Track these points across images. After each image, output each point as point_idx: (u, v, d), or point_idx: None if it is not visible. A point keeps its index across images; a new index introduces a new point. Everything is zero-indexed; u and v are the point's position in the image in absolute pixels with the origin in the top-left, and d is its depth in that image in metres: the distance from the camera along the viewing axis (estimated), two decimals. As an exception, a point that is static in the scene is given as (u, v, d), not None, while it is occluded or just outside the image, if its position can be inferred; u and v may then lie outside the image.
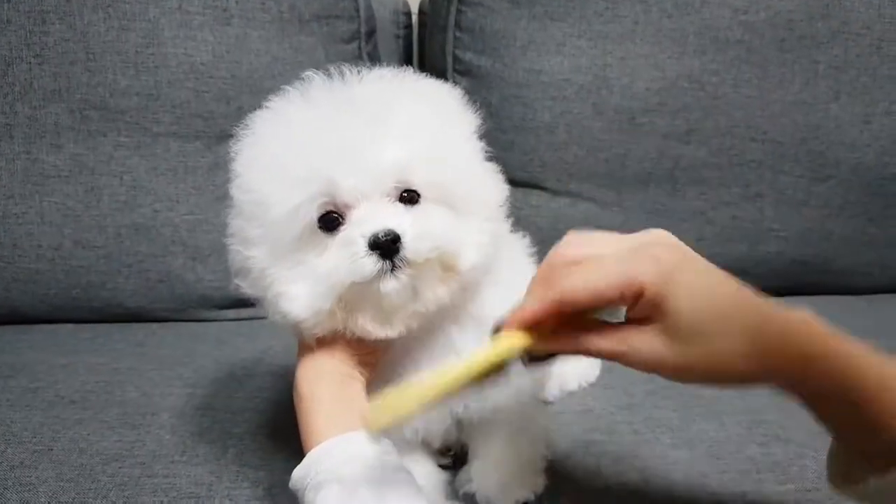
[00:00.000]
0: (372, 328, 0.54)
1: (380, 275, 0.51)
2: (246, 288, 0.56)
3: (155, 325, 1.04)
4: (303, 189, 0.51)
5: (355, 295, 0.53)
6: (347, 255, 0.51)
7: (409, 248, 0.51)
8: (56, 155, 0.98)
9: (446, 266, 0.54)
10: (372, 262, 0.51)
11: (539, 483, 0.64)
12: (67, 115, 0.98)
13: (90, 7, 0.96)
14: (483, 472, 0.64)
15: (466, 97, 0.61)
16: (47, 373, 0.87)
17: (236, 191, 0.55)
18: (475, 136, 0.59)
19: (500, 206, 0.58)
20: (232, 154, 0.56)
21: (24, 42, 0.96)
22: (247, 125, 0.57)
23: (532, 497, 0.63)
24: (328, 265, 0.52)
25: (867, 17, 1.07)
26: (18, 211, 0.98)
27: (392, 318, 0.54)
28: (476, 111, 0.61)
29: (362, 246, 0.51)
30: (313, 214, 0.52)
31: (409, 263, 0.52)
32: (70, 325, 1.03)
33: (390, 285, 0.52)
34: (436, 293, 0.54)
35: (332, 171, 0.51)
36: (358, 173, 0.51)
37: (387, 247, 0.51)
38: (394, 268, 0.52)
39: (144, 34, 0.98)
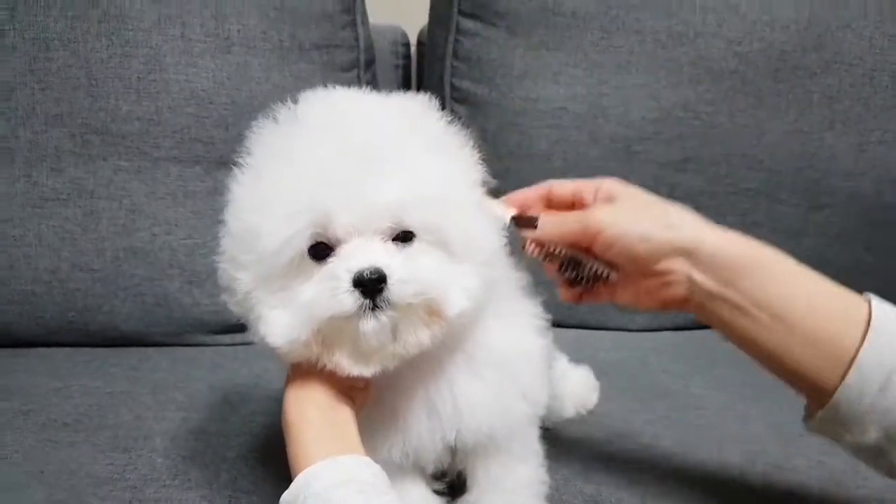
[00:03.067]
0: (347, 365, 0.53)
1: (359, 313, 0.50)
2: (231, 306, 0.56)
3: (150, 350, 1.03)
4: (295, 221, 0.50)
5: (333, 329, 0.52)
6: (329, 288, 0.50)
7: (393, 289, 0.50)
8: (56, 178, 0.99)
9: (431, 311, 0.52)
10: (353, 299, 0.50)
11: None
12: (68, 140, 0.98)
13: (94, 34, 0.98)
14: (483, 500, 0.63)
15: (463, 125, 0.61)
16: (41, 396, 0.86)
17: (230, 217, 0.54)
18: (475, 177, 0.58)
19: (498, 251, 0.57)
20: (229, 179, 0.56)
21: (28, 68, 0.97)
22: (245, 151, 0.56)
23: None
24: (309, 296, 0.51)
25: (859, 48, 1.08)
26: (17, 234, 0.98)
27: (369, 358, 0.53)
28: (473, 139, 0.60)
29: (346, 281, 0.50)
30: (303, 244, 0.51)
31: (391, 305, 0.50)
32: (65, 349, 1.02)
33: (369, 325, 0.50)
34: (417, 337, 0.53)
35: (328, 205, 0.50)
36: (353, 210, 0.51)
37: (370, 285, 0.50)
38: (375, 307, 0.50)
39: (146, 61, 0.99)
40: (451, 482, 0.67)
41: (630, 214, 0.57)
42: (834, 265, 1.13)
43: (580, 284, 0.62)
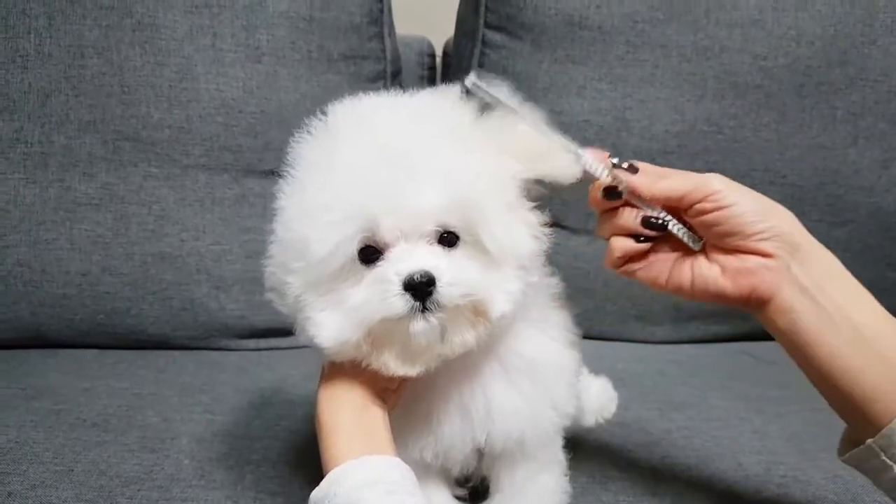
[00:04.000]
0: (394, 365, 0.54)
1: (410, 315, 0.52)
2: (279, 306, 0.57)
3: (176, 353, 1.05)
4: (342, 228, 0.52)
5: (383, 331, 0.53)
6: (380, 291, 0.52)
7: (442, 291, 0.51)
8: (88, 184, 1.01)
9: (477, 312, 0.54)
10: (403, 302, 0.51)
11: None
12: (101, 146, 1.01)
13: (127, 43, 1.00)
14: None
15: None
16: (70, 396, 0.88)
17: (279, 226, 0.56)
18: (514, 178, 0.57)
19: (534, 256, 0.57)
20: (275, 190, 0.57)
21: (63, 75, 1.00)
22: (287, 163, 0.57)
23: None
24: (360, 299, 0.53)
25: (885, 64, 1.08)
26: (49, 237, 1.01)
27: (416, 358, 0.54)
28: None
29: (396, 284, 0.51)
30: (353, 249, 0.53)
31: (440, 307, 0.52)
32: (94, 351, 1.04)
33: (419, 326, 0.52)
34: (463, 338, 0.54)
35: (373, 211, 0.52)
36: (399, 214, 0.52)
37: (420, 288, 0.51)
38: (424, 309, 0.52)
39: (178, 69, 1.01)
40: (474, 488, 0.68)
41: (746, 191, 0.55)
42: (857, 281, 1.14)
43: (645, 242, 0.57)
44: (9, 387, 0.90)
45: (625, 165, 0.56)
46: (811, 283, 0.53)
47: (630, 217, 0.56)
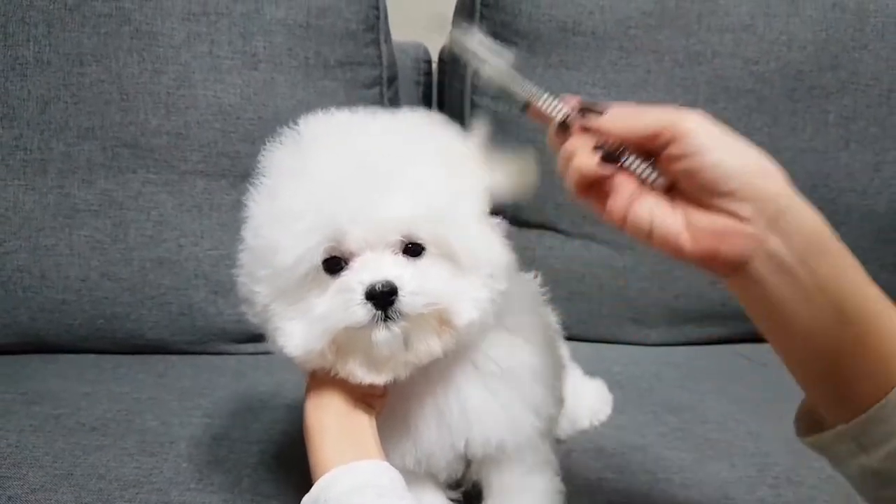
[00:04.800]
0: (360, 373, 0.55)
1: (372, 324, 0.52)
2: (250, 317, 0.58)
3: (175, 357, 1.06)
4: (309, 236, 0.53)
5: (347, 340, 0.54)
6: (343, 300, 0.52)
7: (404, 301, 0.52)
8: (87, 190, 1.02)
9: (442, 321, 0.54)
10: (365, 311, 0.52)
11: None
12: (100, 153, 1.02)
13: (125, 50, 1.01)
14: None
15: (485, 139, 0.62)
16: (70, 400, 0.89)
17: (247, 233, 0.57)
18: (485, 191, 0.58)
19: (502, 265, 0.58)
20: (246, 197, 0.58)
21: (62, 82, 1.01)
22: (258, 171, 0.58)
23: None
24: (324, 308, 0.54)
25: (875, 68, 1.09)
26: (49, 243, 1.02)
27: (381, 366, 0.55)
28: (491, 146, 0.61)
29: (359, 293, 0.52)
30: (318, 258, 0.53)
31: (403, 316, 0.52)
32: (93, 356, 1.05)
33: (382, 335, 0.53)
34: (429, 346, 0.55)
35: (340, 221, 0.52)
36: (364, 224, 0.53)
37: (382, 297, 0.52)
38: (387, 318, 0.52)
39: (176, 76, 1.02)
40: (467, 492, 0.69)
41: (726, 139, 0.46)
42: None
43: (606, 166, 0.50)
44: (8, 391, 0.90)
45: (597, 108, 0.50)
46: (791, 255, 0.45)
47: (586, 154, 0.49)
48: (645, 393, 0.96)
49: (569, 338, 0.81)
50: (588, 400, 0.86)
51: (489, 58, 0.54)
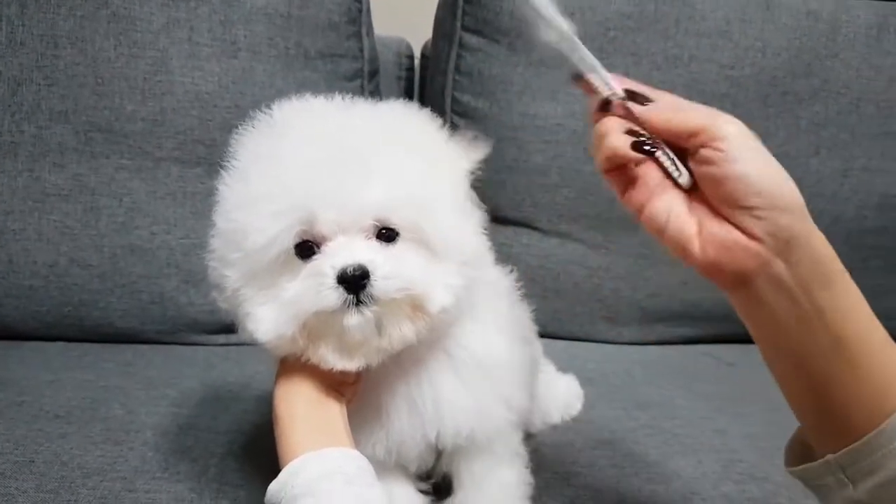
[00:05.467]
0: (332, 359, 0.54)
1: (343, 308, 0.52)
2: (220, 302, 0.58)
3: (144, 347, 1.04)
4: (281, 219, 0.52)
5: (319, 324, 0.53)
6: (314, 284, 0.52)
7: (376, 285, 0.52)
8: (58, 174, 1.00)
9: (415, 306, 0.54)
10: (337, 295, 0.52)
11: None
12: (72, 136, 1.00)
13: (102, 34, 1.00)
14: (468, 501, 0.65)
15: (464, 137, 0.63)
16: (33, 388, 0.87)
17: (218, 217, 0.56)
18: (461, 180, 0.59)
19: (477, 252, 0.58)
20: (217, 180, 0.57)
21: (36, 64, 0.99)
22: (229, 154, 0.57)
23: None
24: (295, 292, 0.53)
25: (847, 76, 1.12)
26: (17, 227, 1.00)
27: (353, 352, 0.54)
28: (473, 148, 0.62)
29: (330, 277, 0.52)
30: (290, 242, 0.53)
31: (375, 300, 0.52)
32: (59, 343, 1.03)
33: (353, 320, 0.52)
34: (401, 332, 0.54)
35: (313, 204, 0.52)
36: (337, 208, 0.52)
37: (354, 282, 0.51)
38: (359, 303, 0.52)
39: (153, 62, 1.01)
40: (437, 484, 0.69)
41: (759, 153, 0.46)
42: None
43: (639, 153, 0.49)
44: (-31, 377, 0.89)
45: (643, 95, 0.50)
46: (795, 282, 0.45)
47: (620, 136, 0.48)
48: (615, 389, 0.97)
49: (542, 335, 0.81)
50: (560, 395, 0.86)
51: (554, 21, 0.51)
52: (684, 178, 0.48)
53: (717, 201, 0.46)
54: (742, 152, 0.45)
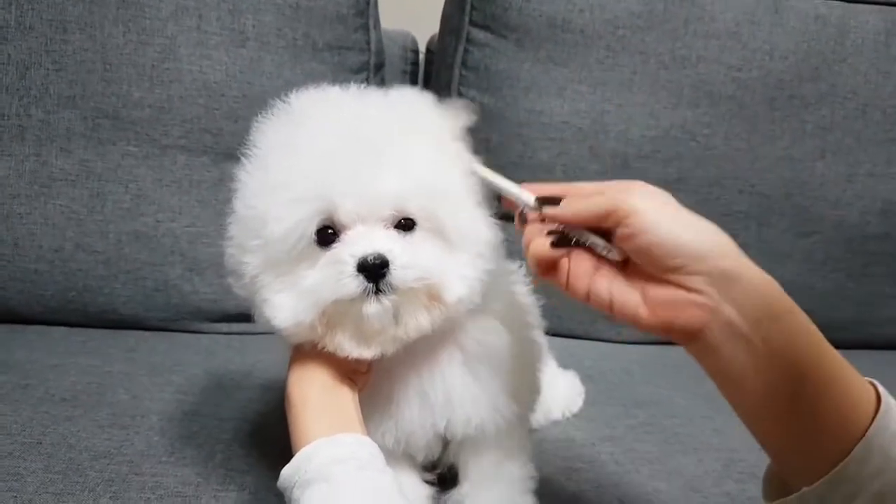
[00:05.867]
0: (349, 347, 0.55)
1: (363, 296, 0.52)
2: (237, 289, 0.58)
3: (147, 333, 1.05)
4: (301, 207, 0.53)
5: (337, 312, 0.54)
6: (334, 272, 0.53)
7: (396, 274, 0.52)
8: (65, 159, 1.00)
9: (432, 296, 0.55)
10: (357, 283, 0.52)
11: None
12: (80, 122, 1.00)
13: (111, 20, 1.00)
14: (474, 494, 0.65)
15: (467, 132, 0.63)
16: (38, 371, 0.87)
17: (238, 202, 0.56)
18: (468, 167, 0.59)
19: (492, 244, 0.58)
20: (237, 168, 0.57)
21: (44, 48, 0.99)
22: (250, 143, 0.57)
23: None
24: (315, 280, 0.53)
25: (854, 82, 1.12)
26: (23, 211, 1.00)
27: (370, 340, 0.55)
28: (476, 147, 0.62)
29: (350, 265, 0.52)
30: (309, 230, 0.54)
31: (393, 289, 0.53)
32: (63, 328, 1.03)
33: (372, 308, 0.53)
34: (418, 321, 0.55)
35: (333, 193, 0.53)
36: (357, 198, 0.53)
37: (374, 270, 0.52)
38: (378, 291, 0.52)
39: (161, 49, 1.01)
40: (442, 475, 0.69)
41: (670, 215, 0.48)
42: (817, 290, 1.19)
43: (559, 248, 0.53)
44: (-28, 360, 0.89)
45: (550, 196, 0.53)
46: (744, 322, 0.46)
47: (541, 239, 0.52)
48: (614, 387, 0.98)
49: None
50: (561, 391, 0.87)
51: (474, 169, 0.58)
52: (614, 254, 0.50)
53: (649, 268, 0.48)
54: (655, 217, 0.47)
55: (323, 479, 0.50)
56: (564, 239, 0.51)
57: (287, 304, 0.54)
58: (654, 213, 0.47)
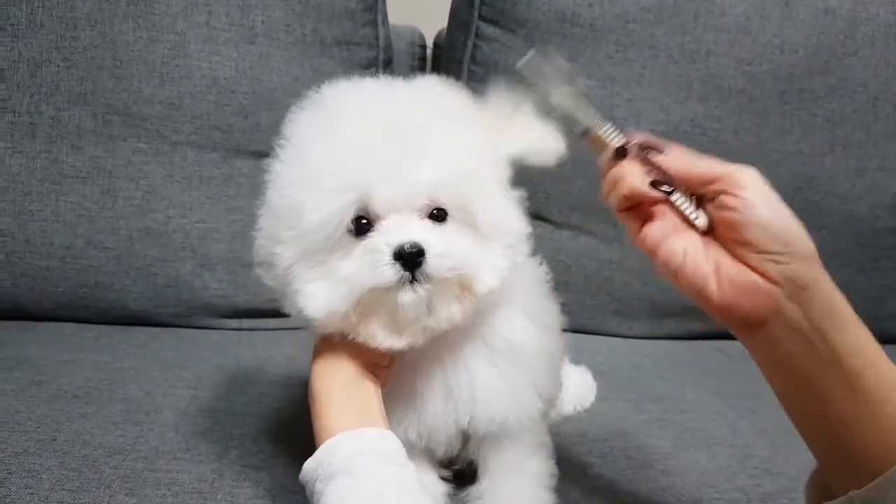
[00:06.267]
0: (381, 337, 0.55)
1: (399, 285, 0.53)
2: (267, 280, 0.58)
3: (157, 329, 1.05)
4: (338, 197, 0.53)
5: (372, 301, 0.54)
6: (370, 261, 0.53)
7: (431, 263, 0.53)
8: (76, 156, 1.01)
9: (464, 286, 0.55)
10: (393, 272, 0.52)
11: (549, 500, 0.65)
12: (90, 119, 1.00)
13: (121, 17, 1.00)
14: (494, 490, 0.65)
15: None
16: (51, 368, 0.88)
17: (272, 193, 0.57)
18: (505, 162, 0.60)
19: (521, 235, 0.59)
20: (272, 157, 0.58)
21: (55, 45, 0.99)
22: (287, 132, 0.58)
23: None
24: (350, 269, 0.54)
25: (864, 75, 1.12)
26: (34, 208, 1.00)
27: (402, 330, 0.55)
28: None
29: (387, 254, 0.52)
30: (346, 218, 0.54)
31: (428, 278, 0.53)
32: (74, 325, 1.03)
33: (407, 297, 0.53)
34: (450, 311, 0.55)
35: (369, 183, 0.53)
36: (393, 187, 0.53)
37: (410, 259, 0.52)
38: (413, 280, 0.53)
39: (171, 46, 1.01)
40: (461, 471, 0.69)
41: (776, 203, 0.48)
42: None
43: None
44: (-14, 357, 0.89)
45: (659, 146, 0.52)
46: (810, 326, 0.47)
47: (638, 175, 0.51)
48: (626, 382, 0.97)
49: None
50: (573, 386, 0.87)
51: (558, 83, 0.56)
52: (701, 221, 0.50)
53: (734, 245, 0.48)
54: (761, 199, 0.47)
55: (346, 472, 0.50)
56: (661, 183, 0.50)
57: (321, 293, 0.54)
58: (763, 195, 0.47)
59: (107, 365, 0.90)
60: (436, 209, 0.55)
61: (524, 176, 1.14)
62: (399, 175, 0.53)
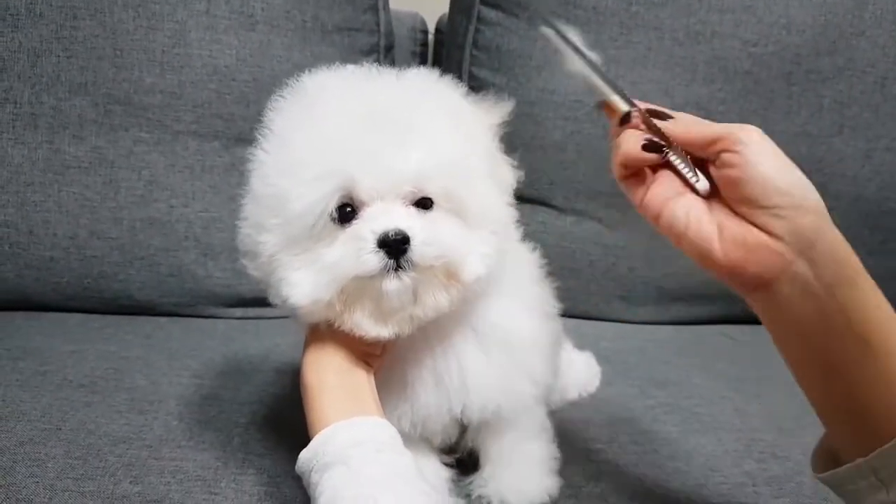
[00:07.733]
0: (367, 326, 0.55)
1: (383, 273, 0.52)
2: (251, 269, 0.58)
3: (162, 319, 1.05)
4: (322, 184, 0.52)
5: (356, 289, 0.54)
6: (355, 248, 0.52)
7: (416, 250, 0.52)
8: (78, 146, 1.00)
9: (450, 274, 0.55)
10: (377, 259, 0.52)
11: (553, 485, 0.65)
12: (91, 109, 1.00)
13: (120, 5, 0.99)
14: (497, 476, 0.65)
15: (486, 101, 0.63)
16: (56, 358, 0.88)
17: (256, 181, 0.56)
18: (490, 147, 0.60)
19: (507, 223, 0.59)
20: (255, 144, 0.57)
21: (55, 35, 0.98)
22: (265, 122, 0.57)
23: (548, 499, 0.65)
24: (335, 256, 0.53)
25: (872, 55, 1.10)
26: (37, 199, 1.00)
27: (388, 319, 0.55)
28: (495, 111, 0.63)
29: (371, 242, 0.52)
30: (331, 205, 0.53)
31: (413, 266, 0.52)
32: (79, 315, 1.04)
33: (392, 285, 0.52)
34: (436, 299, 0.55)
35: (353, 170, 0.52)
36: (377, 175, 0.53)
37: (395, 246, 0.52)
38: (398, 268, 0.52)
39: (171, 34, 1.00)
40: (462, 459, 0.69)
41: (778, 156, 0.47)
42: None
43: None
44: (-9, 347, 0.90)
45: (664, 113, 0.52)
46: (818, 282, 0.45)
47: (634, 139, 0.50)
48: (631, 367, 0.97)
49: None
50: (577, 372, 0.86)
51: (575, 54, 0.56)
52: (702, 184, 0.49)
53: (737, 203, 0.47)
54: (762, 155, 0.46)
55: (341, 462, 0.50)
56: (655, 146, 0.50)
57: (305, 281, 0.54)
58: (766, 150, 0.47)
59: (112, 354, 0.91)
60: (421, 197, 0.55)
61: (527, 161, 1.13)
62: (382, 162, 0.53)
